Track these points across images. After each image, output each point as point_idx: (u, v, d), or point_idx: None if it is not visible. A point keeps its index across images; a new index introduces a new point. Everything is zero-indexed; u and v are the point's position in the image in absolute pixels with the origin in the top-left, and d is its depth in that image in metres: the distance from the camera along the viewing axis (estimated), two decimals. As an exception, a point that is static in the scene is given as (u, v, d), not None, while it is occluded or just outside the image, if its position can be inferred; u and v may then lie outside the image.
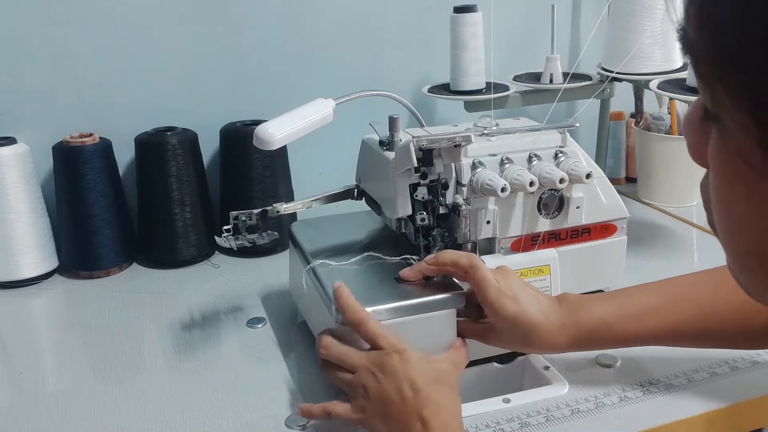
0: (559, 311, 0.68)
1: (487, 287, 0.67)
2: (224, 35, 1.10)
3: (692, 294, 0.69)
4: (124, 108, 1.08)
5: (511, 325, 0.67)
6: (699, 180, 0.39)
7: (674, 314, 0.68)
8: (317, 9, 1.14)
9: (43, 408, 0.73)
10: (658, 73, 1.03)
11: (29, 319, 0.95)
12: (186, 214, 1.05)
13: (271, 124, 0.74)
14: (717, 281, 0.69)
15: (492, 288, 0.67)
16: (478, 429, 0.67)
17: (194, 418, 0.71)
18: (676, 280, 0.71)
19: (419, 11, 1.20)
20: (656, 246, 1.10)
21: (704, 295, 0.68)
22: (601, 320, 0.68)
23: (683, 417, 0.68)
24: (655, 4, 1.01)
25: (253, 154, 1.06)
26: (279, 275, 0.97)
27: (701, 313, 0.67)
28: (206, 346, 0.84)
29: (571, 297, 0.70)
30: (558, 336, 0.68)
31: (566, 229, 0.79)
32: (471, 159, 0.74)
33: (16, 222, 0.98)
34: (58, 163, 1.00)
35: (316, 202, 0.84)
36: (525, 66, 1.21)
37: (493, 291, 0.67)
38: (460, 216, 0.72)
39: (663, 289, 0.70)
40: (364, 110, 0.89)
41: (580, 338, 0.68)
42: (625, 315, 0.68)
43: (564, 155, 0.77)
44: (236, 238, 0.80)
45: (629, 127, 1.37)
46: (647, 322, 0.68)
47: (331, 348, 0.66)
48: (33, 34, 1.01)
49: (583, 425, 0.68)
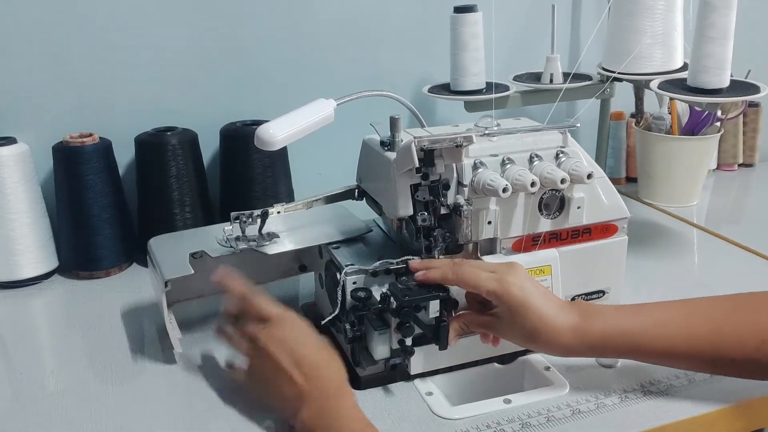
0: (569, 312, 0.68)
1: (478, 280, 0.68)
2: (224, 35, 1.10)
3: (708, 311, 0.68)
4: (124, 108, 1.07)
5: (517, 312, 0.67)
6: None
7: (688, 328, 0.67)
8: (317, 9, 1.14)
9: (43, 408, 0.73)
10: (658, 73, 1.03)
11: (29, 319, 0.95)
12: (186, 214, 1.05)
13: (272, 124, 0.74)
14: (736, 303, 0.68)
15: (484, 278, 0.68)
16: (479, 429, 0.67)
17: (194, 418, 0.71)
18: (693, 299, 0.70)
19: (419, 11, 1.20)
20: (657, 246, 1.10)
21: (720, 314, 0.67)
22: (615, 326, 0.67)
23: (684, 417, 0.68)
24: (655, 4, 1.01)
25: (253, 154, 1.06)
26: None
27: (716, 333, 0.66)
28: (206, 347, 0.84)
29: (585, 303, 0.71)
30: (567, 336, 0.67)
31: (567, 230, 0.79)
32: (472, 159, 0.74)
33: (16, 222, 0.98)
34: (58, 163, 1.00)
35: (316, 202, 0.84)
36: (525, 66, 1.21)
37: (491, 281, 0.68)
38: (462, 216, 0.72)
39: (678, 305, 0.69)
40: (364, 110, 0.88)
41: (591, 343, 0.67)
42: (640, 324, 0.67)
43: (565, 155, 0.77)
44: (237, 239, 0.80)
45: (629, 127, 1.37)
46: (662, 333, 0.67)
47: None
48: (33, 34, 1.00)
49: (583, 426, 0.68)
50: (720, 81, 0.92)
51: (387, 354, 0.73)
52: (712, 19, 0.90)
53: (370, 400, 0.72)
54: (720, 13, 0.90)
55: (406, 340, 0.71)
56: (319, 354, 0.68)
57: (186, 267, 0.78)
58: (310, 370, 0.66)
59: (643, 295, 0.93)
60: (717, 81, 0.92)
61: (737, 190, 1.37)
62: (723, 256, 1.06)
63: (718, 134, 1.20)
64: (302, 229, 0.85)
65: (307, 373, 0.65)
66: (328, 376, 0.66)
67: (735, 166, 1.45)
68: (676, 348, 0.67)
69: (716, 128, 1.20)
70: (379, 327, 0.71)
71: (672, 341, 0.67)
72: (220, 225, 0.84)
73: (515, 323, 0.68)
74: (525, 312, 0.67)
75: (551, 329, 0.67)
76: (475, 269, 0.69)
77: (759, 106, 1.43)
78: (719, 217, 1.22)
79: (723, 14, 0.90)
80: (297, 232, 0.84)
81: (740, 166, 1.46)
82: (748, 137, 1.45)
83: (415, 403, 0.71)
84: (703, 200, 1.26)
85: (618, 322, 0.68)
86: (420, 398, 0.72)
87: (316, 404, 0.64)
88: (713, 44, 0.91)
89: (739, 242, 1.09)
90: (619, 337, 0.67)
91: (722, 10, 0.90)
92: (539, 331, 0.67)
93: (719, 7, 0.90)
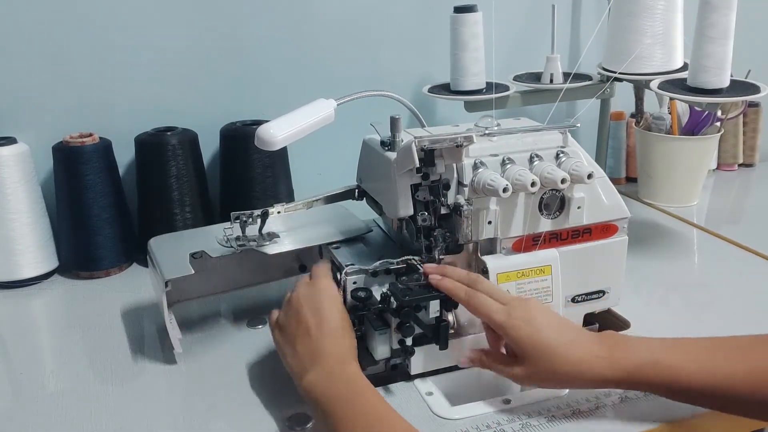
0: (592, 340, 0.66)
1: (490, 311, 0.67)
2: (224, 35, 1.10)
3: (745, 345, 0.64)
4: (124, 108, 1.07)
5: (530, 350, 0.65)
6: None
7: (726, 361, 0.62)
8: (317, 9, 1.14)
9: (43, 408, 0.73)
10: (658, 73, 1.03)
11: (29, 319, 0.95)
12: (186, 214, 1.05)
13: (272, 124, 0.74)
14: None
15: (495, 309, 0.67)
16: (479, 430, 0.67)
17: (194, 419, 0.71)
18: (726, 337, 0.66)
19: (419, 11, 1.20)
20: (657, 246, 1.10)
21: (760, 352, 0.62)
22: (649, 354, 0.64)
23: (684, 417, 0.68)
24: (655, 5, 1.01)
25: (253, 154, 1.06)
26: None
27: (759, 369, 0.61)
28: (207, 347, 0.84)
29: (612, 332, 0.69)
30: (593, 366, 0.64)
31: (567, 230, 0.79)
32: (472, 159, 0.74)
33: (16, 222, 0.98)
34: (58, 163, 1.00)
35: (316, 202, 0.84)
36: (525, 66, 1.21)
37: (501, 313, 0.67)
38: (462, 216, 0.72)
39: (711, 338, 0.65)
40: (364, 110, 0.88)
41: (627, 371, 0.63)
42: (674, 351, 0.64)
43: (565, 155, 0.77)
44: (237, 239, 0.80)
45: (629, 127, 1.37)
46: (698, 361, 0.62)
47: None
48: (33, 34, 1.00)
49: (584, 426, 0.68)
50: (720, 81, 0.92)
51: (387, 354, 0.73)
52: (712, 19, 0.90)
53: (370, 400, 0.72)
54: (720, 13, 0.90)
55: (407, 340, 0.71)
56: (340, 321, 0.70)
57: (186, 267, 0.78)
58: (329, 331, 0.68)
59: (643, 295, 0.93)
60: (717, 81, 0.92)
61: (737, 190, 1.37)
62: (723, 256, 1.06)
63: (718, 134, 1.21)
64: (302, 229, 0.85)
65: (324, 332, 0.68)
66: (342, 342, 0.68)
67: (735, 166, 1.45)
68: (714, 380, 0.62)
69: (716, 128, 1.21)
70: (379, 327, 0.71)
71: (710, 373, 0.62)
72: (221, 225, 0.84)
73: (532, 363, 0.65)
74: (535, 347, 0.65)
75: (571, 360, 0.64)
76: (487, 299, 0.68)
77: (759, 106, 1.43)
78: (719, 217, 1.22)
79: (723, 14, 0.90)
80: (297, 232, 0.84)
81: (740, 166, 1.46)
82: (748, 137, 1.45)
83: (416, 403, 0.71)
84: (703, 200, 1.26)
85: (651, 350, 0.64)
86: (420, 398, 0.72)
87: (327, 365, 0.65)
88: (713, 44, 0.91)
89: (739, 242, 1.09)
90: (652, 366, 0.63)
91: (722, 10, 0.90)
92: (557, 365, 0.64)
93: (719, 7, 0.90)
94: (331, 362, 0.66)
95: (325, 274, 0.74)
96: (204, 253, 0.81)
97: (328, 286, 0.72)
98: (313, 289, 0.72)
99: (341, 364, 0.66)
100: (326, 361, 0.66)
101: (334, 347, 0.67)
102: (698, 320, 0.88)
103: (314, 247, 0.85)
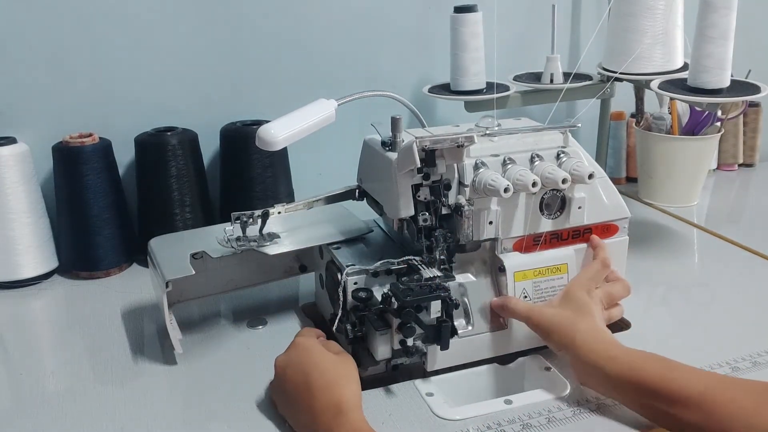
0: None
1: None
2: (224, 35, 1.10)
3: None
4: (124, 108, 1.07)
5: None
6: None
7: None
8: (317, 9, 1.14)
9: (43, 408, 0.73)
10: (658, 73, 1.03)
11: (29, 320, 0.94)
12: (186, 215, 1.05)
13: (273, 124, 0.74)
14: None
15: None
16: (480, 430, 0.67)
17: (194, 419, 0.71)
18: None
19: (419, 11, 1.20)
20: (657, 246, 1.10)
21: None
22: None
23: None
24: (655, 5, 1.01)
25: (253, 155, 1.06)
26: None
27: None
28: (207, 347, 0.84)
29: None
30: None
31: (568, 230, 0.79)
32: (473, 159, 0.74)
33: (16, 222, 0.98)
34: (58, 163, 1.00)
35: (316, 202, 0.84)
36: (525, 66, 1.21)
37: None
38: (463, 216, 0.72)
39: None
40: (364, 110, 0.88)
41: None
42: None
43: (566, 155, 0.77)
44: (237, 239, 0.80)
45: (630, 127, 1.37)
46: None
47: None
48: (33, 33, 1.00)
49: (584, 426, 0.68)
50: (720, 81, 0.92)
51: (388, 354, 0.73)
52: (713, 19, 0.90)
53: (371, 401, 0.72)
54: (720, 13, 0.90)
55: (408, 341, 0.71)
56: (330, 374, 0.67)
57: (187, 267, 0.78)
58: (321, 391, 0.65)
59: (643, 296, 0.93)
60: (717, 81, 0.92)
61: (737, 190, 1.37)
62: (723, 256, 1.06)
63: (718, 134, 1.21)
64: (303, 229, 0.85)
65: (316, 394, 0.65)
66: (341, 393, 0.65)
67: (735, 166, 1.45)
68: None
69: (716, 128, 1.21)
70: (380, 327, 0.71)
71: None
72: (221, 225, 0.84)
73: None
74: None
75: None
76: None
77: (759, 106, 1.43)
78: (719, 217, 1.22)
79: (723, 14, 0.90)
80: (297, 233, 0.84)
81: (740, 166, 1.46)
82: (748, 137, 1.45)
83: (416, 404, 0.71)
84: (703, 200, 1.26)
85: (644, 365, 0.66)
86: (421, 399, 0.72)
87: (324, 423, 0.63)
88: (713, 44, 0.91)
89: (739, 242, 1.09)
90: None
91: (722, 10, 0.90)
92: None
93: (719, 7, 0.90)
94: (329, 418, 0.63)
95: (301, 336, 0.73)
96: (204, 254, 0.81)
97: (306, 344, 0.70)
98: (293, 356, 0.70)
99: (340, 416, 0.63)
100: (323, 418, 0.64)
101: (332, 403, 0.64)
102: (698, 320, 0.88)
103: (314, 248, 0.85)
